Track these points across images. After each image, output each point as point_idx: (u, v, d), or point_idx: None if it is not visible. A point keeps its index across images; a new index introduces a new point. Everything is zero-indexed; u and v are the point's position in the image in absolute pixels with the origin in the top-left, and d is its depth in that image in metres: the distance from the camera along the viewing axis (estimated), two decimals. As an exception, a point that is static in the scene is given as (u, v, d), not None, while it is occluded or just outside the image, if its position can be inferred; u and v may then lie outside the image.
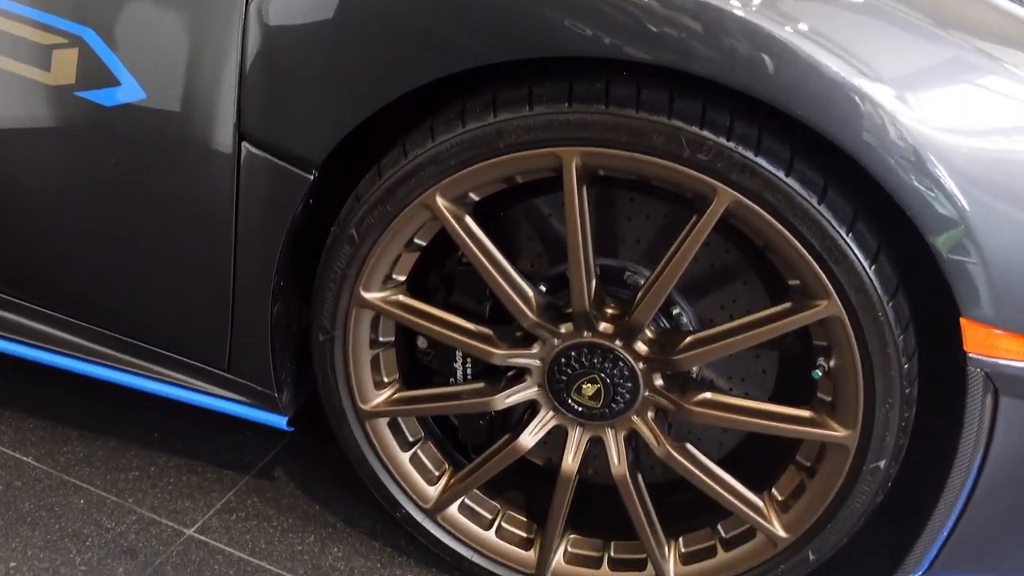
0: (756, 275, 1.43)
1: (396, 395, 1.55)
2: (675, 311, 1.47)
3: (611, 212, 1.45)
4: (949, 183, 1.15)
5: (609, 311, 1.41)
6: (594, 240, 1.36)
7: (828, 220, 1.21)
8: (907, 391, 1.29)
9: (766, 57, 1.13)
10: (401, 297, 1.46)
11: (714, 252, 1.44)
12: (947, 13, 1.23)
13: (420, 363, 1.59)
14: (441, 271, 1.53)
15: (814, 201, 1.21)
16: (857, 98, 1.13)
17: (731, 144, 1.20)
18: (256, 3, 1.32)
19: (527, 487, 1.67)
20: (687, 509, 1.60)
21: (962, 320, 1.22)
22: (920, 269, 1.26)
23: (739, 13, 1.13)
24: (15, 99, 1.48)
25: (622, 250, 1.47)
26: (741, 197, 1.22)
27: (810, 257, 1.23)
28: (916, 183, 1.15)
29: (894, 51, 1.17)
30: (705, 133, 1.20)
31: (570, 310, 1.40)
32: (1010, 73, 1.18)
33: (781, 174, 1.20)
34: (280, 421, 1.64)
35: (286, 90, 1.34)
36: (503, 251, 1.39)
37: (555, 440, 1.59)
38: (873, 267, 1.23)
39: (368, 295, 1.44)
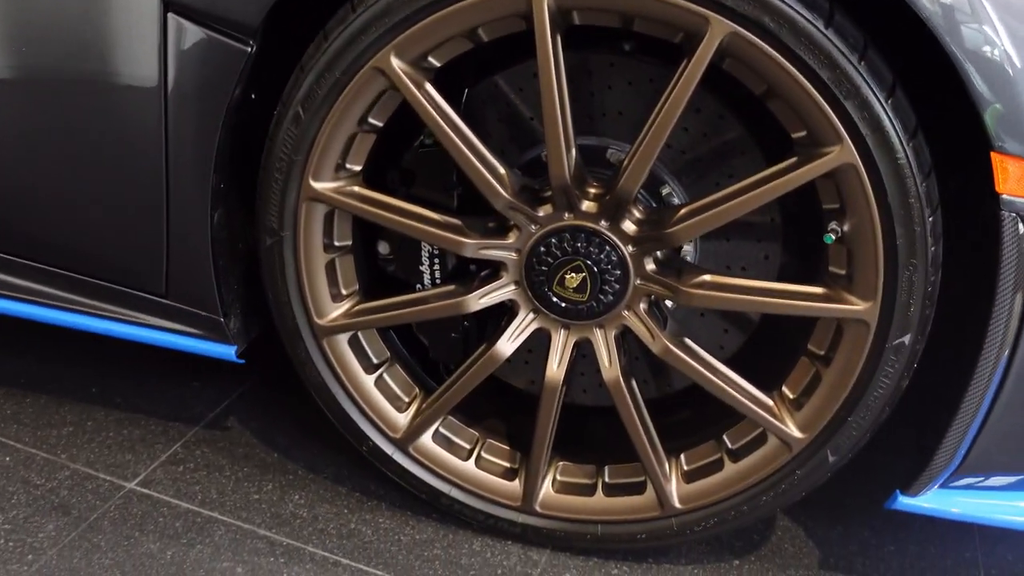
0: (756, 143, 1.28)
1: (356, 307, 1.37)
2: (665, 191, 1.32)
3: (589, 82, 1.30)
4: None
5: (592, 190, 1.25)
6: (573, 113, 1.20)
7: (837, 47, 1.06)
8: (932, 250, 1.14)
9: None
10: (357, 188, 1.29)
11: (706, 120, 1.29)
12: None
13: (382, 273, 1.42)
14: (400, 166, 1.36)
15: (820, 25, 1.06)
16: None
17: None
18: None
19: (509, 414, 1.49)
20: (688, 426, 1.43)
21: (993, 155, 1.07)
22: (943, 102, 1.11)
23: None
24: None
25: (603, 125, 1.32)
26: (737, 27, 1.07)
27: (818, 94, 1.08)
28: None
29: None
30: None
31: (548, 192, 1.24)
32: None
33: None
34: (228, 351, 1.46)
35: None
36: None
37: (538, 360, 1.42)
38: (890, 101, 1.08)
39: (319, 185, 1.27)
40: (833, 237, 1.17)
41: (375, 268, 1.42)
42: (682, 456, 1.38)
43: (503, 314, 1.35)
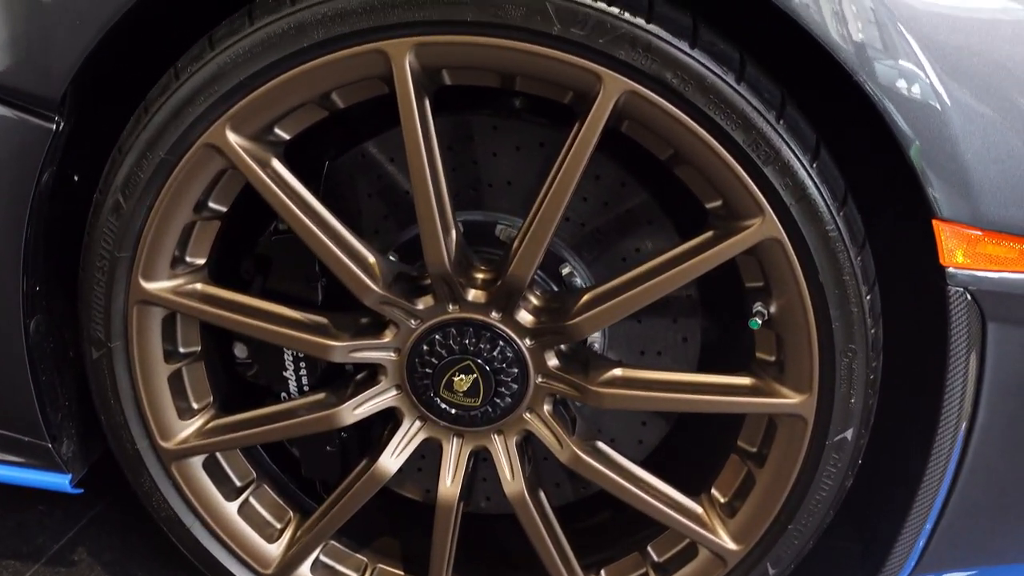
0: (665, 212, 1.12)
1: (211, 424, 1.15)
2: (565, 270, 1.14)
3: (470, 148, 1.12)
4: (901, 30, 0.87)
5: (479, 275, 1.07)
6: (452, 186, 1.02)
7: (752, 104, 0.90)
8: (872, 332, 0.98)
9: None
10: (200, 286, 1.08)
11: (607, 188, 1.12)
12: None
13: (241, 379, 1.21)
14: (255, 252, 1.16)
15: (731, 79, 0.90)
16: None
17: (614, 10, 0.89)
18: None
19: (401, 531, 1.28)
20: (607, 533, 1.25)
21: (935, 224, 0.93)
22: (873, 165, 0.97)
23: None
24: None
25: (490, 197, 1.14)
26: (634, 85, 0.90)
27: (732, 159, 0.92)
28: (859, 33, 0.87)
29: None
30: (586, -1, 0.89)
31: (428, 279, 1.05)
32: None
33: (684, 46, 0.89)
34: (62, 481, 1.22)
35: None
36: (332, 211, 1.04)
37: (432, 464, 1.22)
38: (815, 165, 0.93)
39: (152, 286, 1.06)
40: (759, 322, 1.01)
41: (233, 374, 1.20)
42: (602, 572, 1.19)
43: (387, 418, 1.15)
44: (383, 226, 1.16)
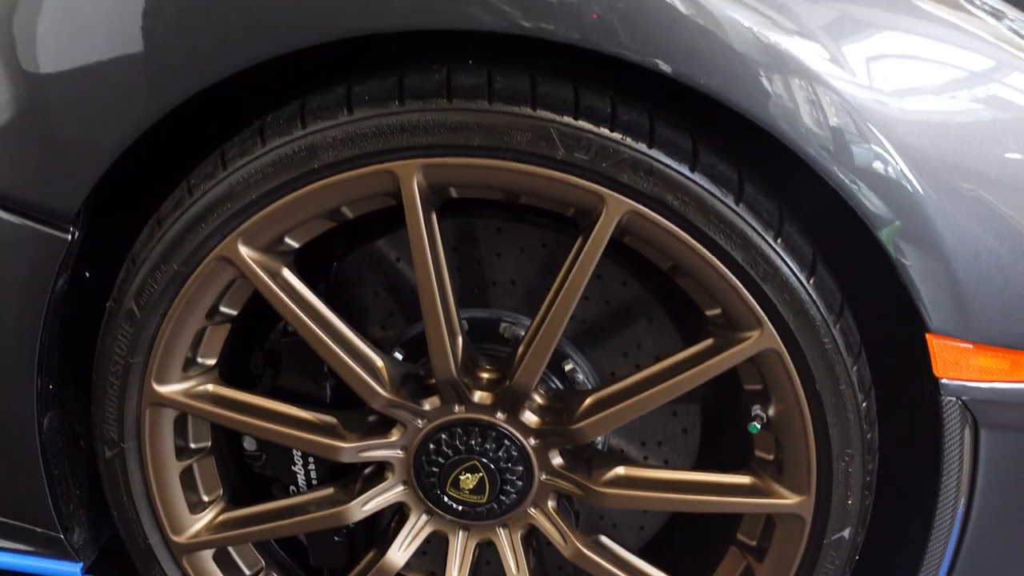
0: (663, 310, 1.14)
1: (221, 517, 1.17)
2: (567, 366, 1.16)
3: (475, 249, 1.14)
4: (892, 157, 0.90)
5: (485, 375, 1.09)
6: (457, 287, 1.04)
7: (750, 224, 0.93)
8: (868, 436, 1.01)
9: (648, 9, 0.86)
10: (211, 387, 1.10)
11: (608, 286, 1.14)
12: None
13: (250, 470, 1.23)
14: (264, 347, 1.18)
15: (730, 201, 0.93)
16: (769, 57, 0.87)
17: (616, 136, 0.92)
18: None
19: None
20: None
21: (928, 337, 0.95)
22: (869, 277, 0.99)
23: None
24: None
25: (494, 296, 1.16)
26: (636, 206, 0.93)
27: (731, 275, 0.95)
28: (852, 161, 0.90)
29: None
30: (582, 124, 0.92)
31: (434, 379, 1.08)
32: (941, 25, 0.95)
33: (684, 170, 0.92)
34: (73, 570, 1.24)
35: (18, 125, 0.99)
36: (341, 311, 1.06)
37: (438, 549, 1.24)
38: (811, 280, 0.96)
39: (164, 389, 1.08)
40: (758, 426, 1.03)
41: (242, 466, 1.23)
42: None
43: (394, 508, 1.17)
44: (389, 322, 1.19)
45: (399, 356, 1.16)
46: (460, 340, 1.04)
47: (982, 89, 0.95)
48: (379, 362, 1.06)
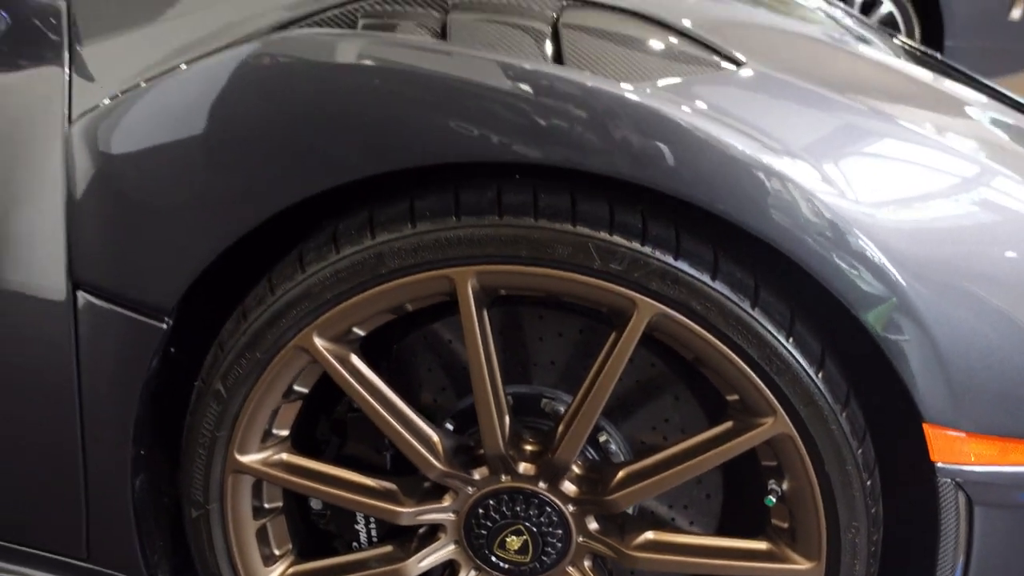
0: (688, 389, 1.27)
1: (291, 570, 1.31)
2: (602, 438, 1.29)
3: (519, 333, 1.28)
4: (879, 261, 1.02)
5: (528, 447, 1.22)
6: (503, 366, 1.18)
7: (764, 326, 1.06)
8: (872, 510, 1.13)
9: (660, 143, 0.99)
10: (285, 456, 1.24)
11: (638, 367, 1.27)
12: (848, 79, 1.13)
13: (316, 527, 1.37)
14: (330, 416, 1.32)
15: (747, 306, 1.06)
16: (764, 177, 1.00)
17: (647, 249, 1.05)
18: (81, 125, 1.12)
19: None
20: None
21: (924, 426, 1.07)
22: (874, 367, 1.11)
23: (630, 97, 0.99)
24: None
25: (536, 374, 1.29)
26: (664, 308, 1.06)
27: (749, 369, 1.08)
28: (844, 266, 1.02)
29: (796, 122, 1.06)
30: (616, 239, 1.05)
31: (483, 451, 1.21)
32: (918, 135, 1.07)
33: (707, 279, 1.05)
34: (158, 614, 1.38)
35: (123, 226, 1.14)
36: (400, 387, 1.20)
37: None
38: (820, 374, 1.08)
39: (245, 458, 1.22)
40: (773, 499, 1.16)
41: (309, 523, 1.36)
42: None
43: (445, 566, 1.30)
44: (442, 396, 1.32)
45: (450, 426, 1.30)
46: (507, 419, 1.17)
47: (964, 196, 1.07)
48: (434, 436, 1.20)
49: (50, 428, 1.25)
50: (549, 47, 1.06)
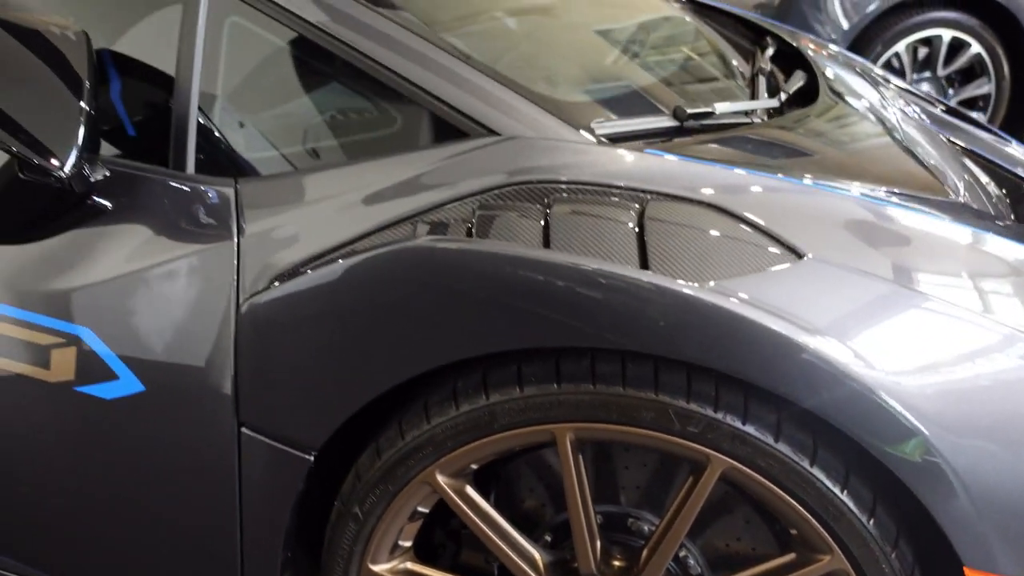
0: (757, 514, 1.45)
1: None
2: (681, 553, 1.48)
3: (609, 463, 1.47)
4: (914, 424, 1.18)
5: (616, 563, 1.42)
6: (594, 489, 1.37)
7: (821, 481, 1.23)
8: (921, 637, 1.29)
9: (728, 336, 1.18)
10: (409, 564, 1.47)
11: (714, 491, 1.45)
12: (892, 255, 1.30)
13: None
14: (447, 528, 1.54)
15: (805, 464, 1.23)
16: (811, 361, 1.17)
17: (719, 415, 1.23)
18: (249, 304, 1.36)
19: None
20: None
21: (965, 570, 1.23)
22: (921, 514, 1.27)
23: (704, 298, 1.18)
24: (16, 397, 1.51)
25: (623, 496, 1.49)
26: (734, 463, 1.25)
27: (808, 515, 1.25)
28: (881, 431, 1.18)
29: (841, 306, 1.23)
30: (693, 406, 1.23)
31: (577, 564, 1.41)
32: (943, 303, 1.24)
33: (770, 440, 1.23)
34: None
35: (282, 383, 1.38)
36: (505, 505, 1.41)
37: None
38: (871, 521, 1.24)
39: (377, 568, 1.45)
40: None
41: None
42: None
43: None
44: (540, 511, 1.53)
45: (548, 538, 1.50)
46: (598, 543, 1.37)
47: (993, 359, 1.23)
48: (536, 554, 1.40)
49: (215, 535, 1.50)
50: (636, 243, 1.26)
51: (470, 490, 1.39)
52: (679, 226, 1.28)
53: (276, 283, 1.34)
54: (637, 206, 1.31)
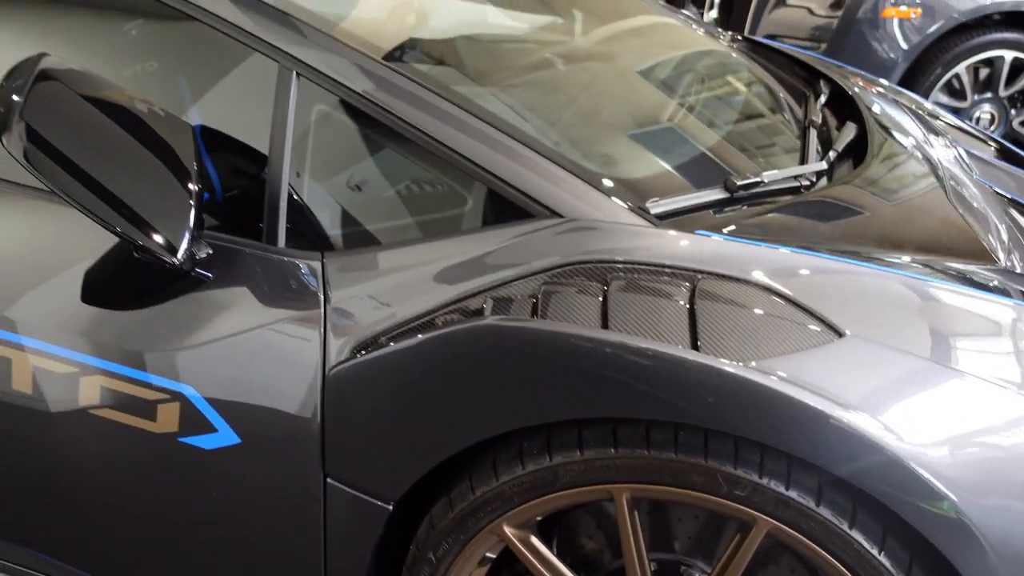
0: (803, 566, 1.55)
1: None
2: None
3: (663, 514, 1.59)
4: (943, 491, 1.27)
5: (670, 610, 1.53)
6: (649, 538, 1.48)
7: (860, 543, 1.33)
8: None
9: (769, 413, 1.29)
10: (475, 605, 1.60)
11: (761, 543, 1.55)
12: (932, 332, 1.39)
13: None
14: (512, 570, 1.67)
15: (845, 527, 1.33)
16: (847, 433, 1.27)
17: (764, 481, 1.34)
18: (336, 372, 1.51)
19: None
20: None
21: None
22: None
23: (751, 377, 1.29)
24: (126, 445, 1.69)
25: (676, 545, 1.60)
26: (778, 524, 1.35)
27: (848, 573, 1.35)
28: (911, 500, 1.27)
29: (863, 378, 1.33)
30: (739, 472, 1.34)
31: (635, 609, 1.53)
32: (975, 379, 1.33)
33: (812, 504, 1.33)
34: None
35: (363, 441, 1.52)
36: (566, 549, 1.53)
37: None
38: (907, 578, 1.34)
39: (448, 607, 1.59)
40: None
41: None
42: None
43: None
44: (599, 556, 1.65)
45: (605, 583, 1.62)
46: (653, 592, 1.49)
47: (1016, 431, 1.31)
48: (595, 601, 1.53)
49: (302, 574, 1.65)
50: (687, 322, 1.37)
51: (534, 539, 1.52)
52: (727, 305, 1.39)
53: (360, 353, 1.48)
54: (689, 285, 1.43)
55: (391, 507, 1.55)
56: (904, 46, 4.76)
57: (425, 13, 2.25)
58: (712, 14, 5.79)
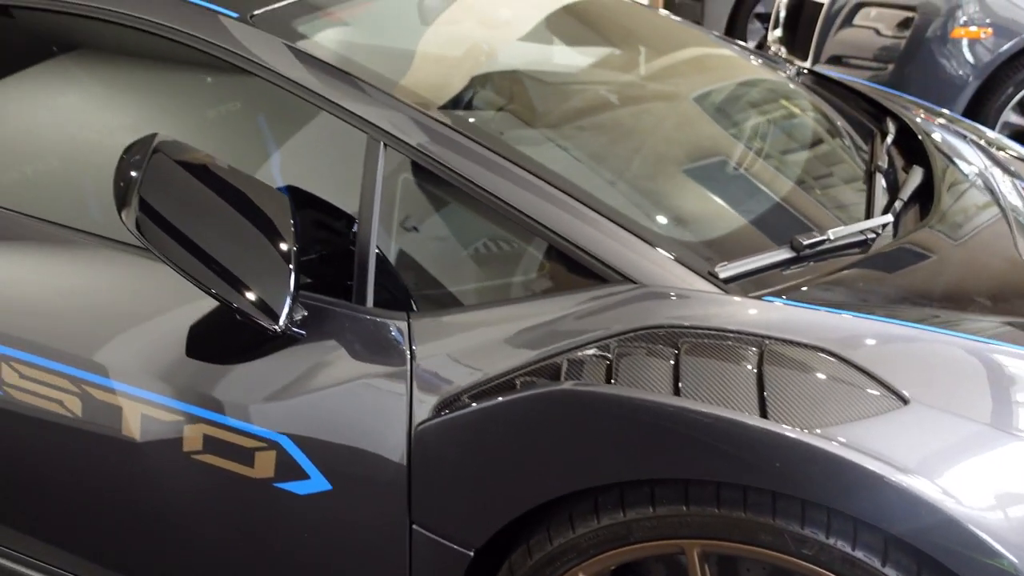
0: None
1: None
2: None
3: (732, 564, 1.65)
4: (1000, 551, 1.30)
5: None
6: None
7: (895, 581, 1.38)
8: None
9: (834, 479, 1.35)
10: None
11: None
12: (992, 396, 1.44)
13: None
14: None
15: (877, 563, 1.38)
16: (896, 492, 1.32)
17: (830, 540, 1.40)
18: (421, 429, 1.61)
19: None
20: None
21: None
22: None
23: (817, 444, 1.36)
24: (226, 489, 1.81)
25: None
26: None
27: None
28: (971, 559, 1.32)
29: (924, 443, 1.38)
30: (806, 531, 1.41)
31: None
32: None
33: (877, 564, 1.39)
34: None
35: (446, 491, 1.62)
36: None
37: None
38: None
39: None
40: None
41: None
42: None
43: None
44: (672, 601, 1.73)
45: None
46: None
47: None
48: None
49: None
50: (755, 387, 1.44)
51: (609, 586, 1.60)
52: (794, 371, 1.45)
53: (444, 411, 1.58)
54: (756, 350, 1.49)
55: (472, 553, 1.65)
56: (975, 66, 4.72)
57: (491, 55, 2.35)
58: (776, 33, 5.79)
